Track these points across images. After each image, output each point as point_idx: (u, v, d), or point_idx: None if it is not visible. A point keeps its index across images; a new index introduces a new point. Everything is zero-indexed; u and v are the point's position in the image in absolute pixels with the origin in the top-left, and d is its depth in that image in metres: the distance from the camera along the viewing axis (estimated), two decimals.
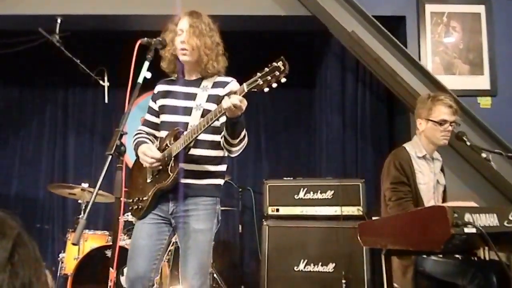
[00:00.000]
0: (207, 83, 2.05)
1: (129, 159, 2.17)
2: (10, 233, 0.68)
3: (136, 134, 2.13)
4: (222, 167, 2.07)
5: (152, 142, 2.11)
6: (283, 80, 1.64)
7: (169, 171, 1.93)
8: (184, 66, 2.09)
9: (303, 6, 3.48)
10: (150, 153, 1.94)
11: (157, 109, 2.10)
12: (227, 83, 2.03)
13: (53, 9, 3.53)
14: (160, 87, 2.13)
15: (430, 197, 2.36)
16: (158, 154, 1.94)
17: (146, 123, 2.15)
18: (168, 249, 3.24)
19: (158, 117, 2.11)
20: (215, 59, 2.03)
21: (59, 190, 3.72)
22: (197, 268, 1.92)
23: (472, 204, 2.00)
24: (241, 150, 1.96)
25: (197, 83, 2.06)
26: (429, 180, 2.37)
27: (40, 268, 0.71)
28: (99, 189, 1.54)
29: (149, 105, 2.15)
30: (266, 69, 1.65)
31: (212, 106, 1.97)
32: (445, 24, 3.49)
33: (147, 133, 2.14)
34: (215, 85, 2.04)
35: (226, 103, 1.69)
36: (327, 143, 4.18)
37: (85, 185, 3.49)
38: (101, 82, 3.97)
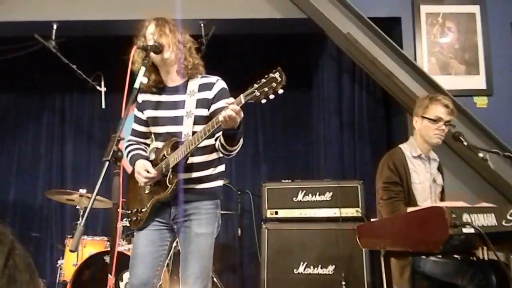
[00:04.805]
0: (192, 86, 2.00)
1: (127, 164, 2.17)
2: (4, 239, 0.69)
3: (128, 146, 2.11)
4: (221, 168, 2.06)
5: (145, 151, 2.10)
6: (281, 91, 1.62)
7: (167, 182, 1.92)
8: (162, 70, 2.03)
9: (299, 9, 3.49)
10: (144, 173, 1.93)
11: (145, 118, 2.07)
12: (213, 83, 2.00)
13: (49, 15, 3.53)
14: (144, 97, 2.07)
15: (426, 197, 2.37)
16: (153, 174, 1.92)
17: (135, 133, 2.13)
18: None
19: (147, 126, 2.09)
20: (189, 54, 2.00)
21: (57, 196, 3.70)
22: (198, 273, 1.91)
23: (462, 204, 2.01)
24: (236, 153, 1.95)
25: (182, 88, 2.01)
26: (424, 179, 2.38)
27: (35, 276, 0.71)
28: (96, 195, 1.53)
29: (136, 115, 2.11)
30: (263, 80, 1.63)
31: (202, 112, 1.96)
32: (441, 24, 3.50)
33: (138, 143, 2.12)
34: (201, 87, 2.00)
35: (221, 116, 1.68)
36: (324, 145, 4.18)
37: (83, 191, 3.48)
38: (98, 87, 3.96)
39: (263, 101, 1.64)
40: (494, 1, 3.52)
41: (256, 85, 1.64)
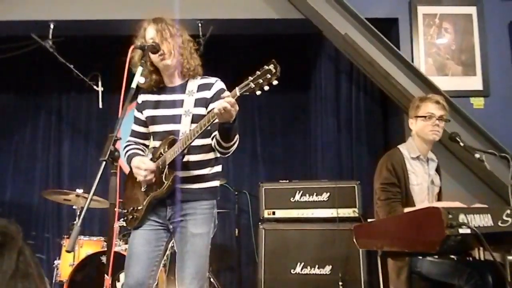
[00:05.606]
0: (191, 86, 2.02)
1: (124, 164, 2.16)
2: (17, 236, 0.71)
3: (126, 146, 2.12)
4: (217, 168, 2.06)
5: (143, 151, 2.11)
6: (275, 82, 1.65)
7: (163, 179, 1.92)
8: (163, 73, 2.05)
9: (297, 9, 3.50)
10: (143, 166, 1.93)
11: (144, 119, 2.08)
12: (212, 84, 2.02)
13: (46, 15, 3.52)
14: (144, 97, 2.09)
15: (423, 198, 2.37)
16: (152, 166, 1.93)
17: (134, 133, 2.14)
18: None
19: (146, 126, 2.09)
20: (190, 57, 2.02)
21: (54, 196, 3.69)
22: (194, 273, 1.91)
23: (458, 204, 2.01)
24: (232, 151, 1.96)
25: (181, 88, 2.03)
26: (422, 180, 2.39)
27: (42, 272, 0.73)
28: (93, 195, 1.53)
29: (135, 115, 2.12)
30: (258, 72, 1.66)
31: (200, 110, 1.97)
32: (437, 25, 3.51)
33: (137, 143, 2.13)
34: (201, 88, 2.02)
35: (217, 108, 1.69)
36: (322, 146, 4.19)
37: (79, 191, 3.47)
38: (95, 87, 3.95)
39: (258, 92, 1.67)
40: (491, 2, 3.53)
41: (251, 78, 1.67)
